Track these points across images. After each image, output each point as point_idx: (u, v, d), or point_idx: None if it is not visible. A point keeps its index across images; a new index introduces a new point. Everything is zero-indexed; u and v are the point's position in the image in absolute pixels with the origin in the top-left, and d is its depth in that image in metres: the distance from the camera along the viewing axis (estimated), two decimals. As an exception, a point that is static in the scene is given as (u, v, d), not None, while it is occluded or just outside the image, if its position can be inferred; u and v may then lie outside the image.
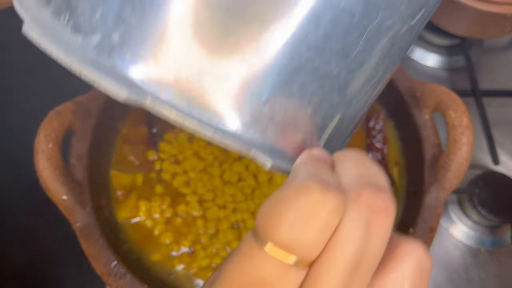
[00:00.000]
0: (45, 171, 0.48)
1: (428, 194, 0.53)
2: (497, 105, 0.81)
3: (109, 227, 0.54)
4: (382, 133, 0.62)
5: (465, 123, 0.51)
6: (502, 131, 0.78)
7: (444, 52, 0.86)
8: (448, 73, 0.85)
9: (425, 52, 0.86)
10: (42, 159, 0.47)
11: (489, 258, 0.68)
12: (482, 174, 0.69)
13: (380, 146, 0.61)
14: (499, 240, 0.69)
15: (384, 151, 0.61)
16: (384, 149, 0.61)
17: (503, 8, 0.68)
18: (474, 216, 0.69)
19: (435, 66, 0.85)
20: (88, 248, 0.49)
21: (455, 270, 0.67)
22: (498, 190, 0.67)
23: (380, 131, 0.62)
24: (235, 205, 0.57)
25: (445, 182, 0.51)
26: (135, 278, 0.48)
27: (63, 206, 0.49)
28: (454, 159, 0.50)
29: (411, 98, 0.58)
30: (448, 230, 0.70)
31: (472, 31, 0.76)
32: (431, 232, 0.51)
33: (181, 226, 0.56)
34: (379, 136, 0.62)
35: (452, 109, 0.52)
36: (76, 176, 0.52)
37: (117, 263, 0.49)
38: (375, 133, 0.62)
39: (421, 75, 0.84)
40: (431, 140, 0.56)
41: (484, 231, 0.69)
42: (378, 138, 0.62)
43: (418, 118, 0.57)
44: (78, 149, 0.54)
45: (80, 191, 0.51)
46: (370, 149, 0.61)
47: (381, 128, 0.62)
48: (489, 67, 0.85)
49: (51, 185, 0.48)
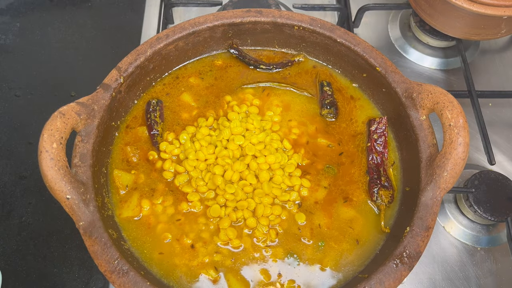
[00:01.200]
0: (49, 170, 0.48)
1: (424, 194, 0.53)
2: (493, 106, 0.82)
3: (112, 226, 0.55)
4: (383, 137, 0.62)
5: (461, 123, 0.51)
6: (498, 131, 0.79)
7: (441, 54, 0.87)
8: (445, 74, 0.85)
9: (422, 54, 0.87)
10: (46, 159, 0.48)
11: (485, 256, 0.68)
12: (478, 174, 0.70)
13: (381, 149, 0.61)
14: (495, 238, 0.69)
15: (384, 154, 0.61)
16: (385, 153, 0.61)
17: (499, 10, 0.69)
18: (470, 214, 0.69)
19: (432, 68, 0.86)
20: (91, 246, 0.50)
21: (452, 267, 0.68)
22: (494, 189, 0.68)
23: (382, 134, 0.62)
24: (235, 203, 0.58)
25: (442, 181, 0.52)
26: (138, 275, 0.49)
27: (67, 205, 0.49)
28: (450, 159, 0.51)
29: (408, 99, 0.59)
30: (445, 228, 0.70)
31: (468, 33, 0.77)
32: (427, 231, 0.52)
33: (183, 225, 0.57)
34: (381, 139, 0.62)
35: (449, 110, 0.52)
36: (80, 175, 0.53)
37: (120, 261, 0.50)
38: (376, 136, 0.62)
39: (418, 76, 0.85)
40: (427, 140, 0.57)
41: (480, 229, 0.70)
42: (379, 142, 0.62)
43: (415, 118, 0.58)
44: (81, 149, 0.54)
45: (84, 191, 0.51)
46: (371, 152, 0.62)
47: (383, 132, 0.62)
48: (485, 69, 0.86)
49: (55, 185, 0.48)
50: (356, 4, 0.90)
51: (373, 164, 0.60)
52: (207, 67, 0.69)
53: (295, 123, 0.65)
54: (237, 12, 0.67)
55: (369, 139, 0.63)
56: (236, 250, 0.56)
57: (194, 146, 0.61)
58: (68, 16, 0.91)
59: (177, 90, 0.67)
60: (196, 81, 0.67)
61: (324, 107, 0.65)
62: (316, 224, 0.57)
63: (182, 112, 0.65)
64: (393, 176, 0.61)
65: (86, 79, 0.83)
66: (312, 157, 0.62)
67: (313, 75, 0.69)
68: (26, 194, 0.72)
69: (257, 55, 0.71)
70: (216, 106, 0.66)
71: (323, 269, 0.55)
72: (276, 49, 0.71)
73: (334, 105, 0.65)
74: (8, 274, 0.65)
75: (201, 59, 0.70)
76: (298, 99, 0.67)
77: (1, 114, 0.79)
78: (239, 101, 0.66)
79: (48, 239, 0.68)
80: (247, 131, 0.62)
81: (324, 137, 0.63)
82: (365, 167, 0.61)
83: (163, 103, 0.66)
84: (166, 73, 0.68)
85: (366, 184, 0.60)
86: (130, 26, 0.90)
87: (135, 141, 0.63)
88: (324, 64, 0.70)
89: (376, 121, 0.63)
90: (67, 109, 0.53)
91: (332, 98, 0.66)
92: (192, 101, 0.66)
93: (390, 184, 0.59)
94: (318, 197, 0.59)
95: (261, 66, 0.69)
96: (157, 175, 0.60)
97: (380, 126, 0.63)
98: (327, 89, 0.66)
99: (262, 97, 0.67)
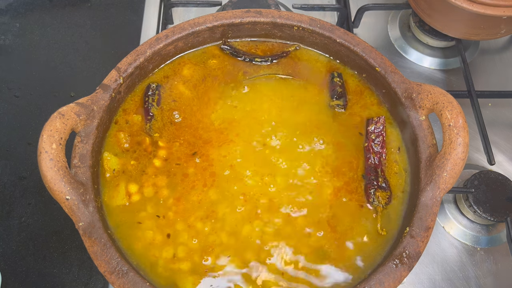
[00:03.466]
0: (49, 171, 0.48)
1: (424, 194, 0.53)
2: (493, 106, 0.82)
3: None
4: (381, 137, 0.62)
5: (460, 123, 0.51)
6: (498, 131, 0.79)
7: (440, 54, 0.87)
8: (444, 74, 0.86)
9: (422, 54, 0.87)
10: (45, 159, 0.48)
11: (485, 256, 0.68)
12: (478, 174, 0.70)
13: (378, 150, 0.61)
14: (494, 239, 0.69)
15: (382, 155, 0.61)
16: (383, 153, 0.61)
17: (499, 10, 0.69)
18: (470, 215, 0.69)
19: (431, 68, 0.86)
20: (91, 246, 0.50)
21: (452, 268, 0.68)
22: (493, 189, 0.68)
23: (380, 134, 0.62)
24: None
25: (441, 182, 0.52)
26: (137, 276, 0.49)
27: (66, 206, 0.49)
28: (449, 159, 0.51)
29: (408, 99, 0.59)
30: (444, 228, 0.70)
31: (467, 33, 0.77)
32: (427, 231, 0.52)
33: (174, 220, 0.57)
34: (378, 139, 0.62)
35: (448, 110, 0.52)
36: (79, 176, 0.53)
37: (119, 261, 0.50)
38: (374, 136, 0.62)
39: (417, 76, 0.85)
40: (427, 140, 0.57)
41: (480, 229, 0.70)
42: (377, 142, 0.62)
43: (414, 119, 0.58)
44: (81, 150, 0.54)
45: (83, 191, 0.51)
46: (369, 152, 0.61)
47: (381, 131, 0.62)
48: (485, 69, 0.86)
49: (54, 185, 0.48)
50: (355, 4, 0.90)
51: (371, 165, 0.60)
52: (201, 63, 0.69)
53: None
54: (237, 12, 0.66)
55: (367, 139, 0.62)
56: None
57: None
58: (68, 16, 0.91)
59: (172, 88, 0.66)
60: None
61: (333, 98, 0.65)
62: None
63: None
64: (393, 175, 0.60)
65: (86, 79, 0.83)
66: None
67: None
68: (25, 195, 0.72)
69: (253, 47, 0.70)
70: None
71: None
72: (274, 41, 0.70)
73: (343, 96, 0.65)
74: (7, 274, 0.65)
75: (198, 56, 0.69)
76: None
77: (1, 114, 0.79)
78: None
79: (48, 239, 0.68)
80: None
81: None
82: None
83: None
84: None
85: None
86: (130, 27, 0.90)
87: (129, 128, 0.62)
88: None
89: (374, 120, 0.63)
90: (67, 109, 0.53)
91: (342, 89, 0.65)
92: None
93: (387, 185, 0.59)
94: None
95: (256, 59, 0.68)
96: (147, 160, 0.59)
97: (378, 126, 0.62)
98: (338, 80, 0.66)
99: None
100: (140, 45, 0.63)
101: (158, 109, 0.63)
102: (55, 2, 0.93)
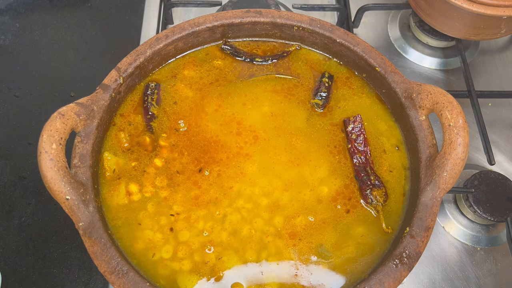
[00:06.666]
0: (49, 171, 0.48)
1: (424, 194, 0.53)
2: (493, 106, 0.82)
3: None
4: (362, 135, 0.62)
5: (460, 123, 0.51)
6: (498, 131, 0.79)
7: (440, 54, 0.87)
8: (444, 74, 0.86)
9: (422, 54, 0.87)
10: (45, 159, 0.48)
11: (485, 256, 0.68)
12: (478, 174, 0.70)
13: (362, 148, 0.61)
14: (495, 239, 0.69)
15: (367, 152, 0.61)
16: (367, 151, 0.61)
17: (499, 10, 0.69)
18: (470, 215, 0.69)
19: (431, 68, 0.86)
20: (91, 246, 0.50)
21: (452, 268, 0.68)
22: (493, 189, 0.68)
23: (360, 133, 0.62)
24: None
25: (441, 182, 0.52)
26: (137, 276, 0.49)
27: (66, 206, 0.49)
28: (449, 159, 0.51)
29: (408, 99, 0.59)
30: (444, 228, 0.70)
31: (467, 33, 0.77)
32: (427, 231, 0.52)
33: (174, 222, 0.57)
34: (360, 138, 0.61)
35: (448, 110, 0.52)
36: (79, 176, 0.53)
37: (119, 261, 0.50)
38: (355, 136, 0.62)
39: (417, 76, 0.85)
40: (427, 140, 0.57)
41: (480, 229, 0.70)
42: (359, 141, 0.61)
43: (414, 119, 0.58)
44: (81, 150, 0.54)
45: (83, 191, 0.51)
46: (354, 153, 0.61)
47: (360, 130, 0.62)
48: (485, 69, 0.86)
49: (54, 186, 0.48)
50: (355, 4, 0.90)
51: (360, 165, 0.60)
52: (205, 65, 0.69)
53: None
54: (237, 12, 0.67)
55: (349, 141, 0.62)
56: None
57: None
58: (68, 16, 0.91)
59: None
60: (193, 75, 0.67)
61: (315, 96, 0.65)
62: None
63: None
64: (392, 175, 0.60)
65: (86, 79, 0.83)
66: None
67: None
68: (25, 195, 0.72)
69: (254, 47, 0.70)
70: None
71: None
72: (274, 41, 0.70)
73: (326, 99, 0.65)
74: (7, 274, 0.65)
75: (198, 55, 0.69)
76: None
77: (1, 114, 0.79)
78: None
79: (48, 239, 0.68)
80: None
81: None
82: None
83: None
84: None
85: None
86: (130, 27, 0.90)
87: (129, 127, 0.61)
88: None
89: (351, 120, 0.62)
90: (67, 109, 0.53)
91: (327, 90, 0.65)
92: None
93: (380, 181, 0.59)
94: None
95: (256, 59, 0.68)
96: (148, 160, 0.59)
97: (356, 125, 0.62)
98: (326, 81, 0.66)
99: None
100: (140, 45, 0.63)
101: (158, 109, 0.63)
102: (55, 2, 0.93)
